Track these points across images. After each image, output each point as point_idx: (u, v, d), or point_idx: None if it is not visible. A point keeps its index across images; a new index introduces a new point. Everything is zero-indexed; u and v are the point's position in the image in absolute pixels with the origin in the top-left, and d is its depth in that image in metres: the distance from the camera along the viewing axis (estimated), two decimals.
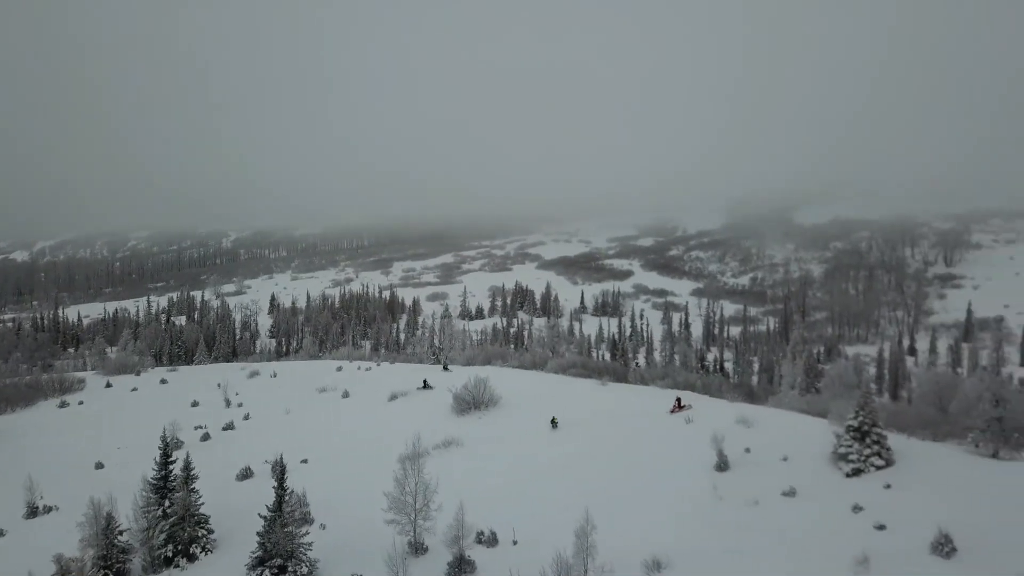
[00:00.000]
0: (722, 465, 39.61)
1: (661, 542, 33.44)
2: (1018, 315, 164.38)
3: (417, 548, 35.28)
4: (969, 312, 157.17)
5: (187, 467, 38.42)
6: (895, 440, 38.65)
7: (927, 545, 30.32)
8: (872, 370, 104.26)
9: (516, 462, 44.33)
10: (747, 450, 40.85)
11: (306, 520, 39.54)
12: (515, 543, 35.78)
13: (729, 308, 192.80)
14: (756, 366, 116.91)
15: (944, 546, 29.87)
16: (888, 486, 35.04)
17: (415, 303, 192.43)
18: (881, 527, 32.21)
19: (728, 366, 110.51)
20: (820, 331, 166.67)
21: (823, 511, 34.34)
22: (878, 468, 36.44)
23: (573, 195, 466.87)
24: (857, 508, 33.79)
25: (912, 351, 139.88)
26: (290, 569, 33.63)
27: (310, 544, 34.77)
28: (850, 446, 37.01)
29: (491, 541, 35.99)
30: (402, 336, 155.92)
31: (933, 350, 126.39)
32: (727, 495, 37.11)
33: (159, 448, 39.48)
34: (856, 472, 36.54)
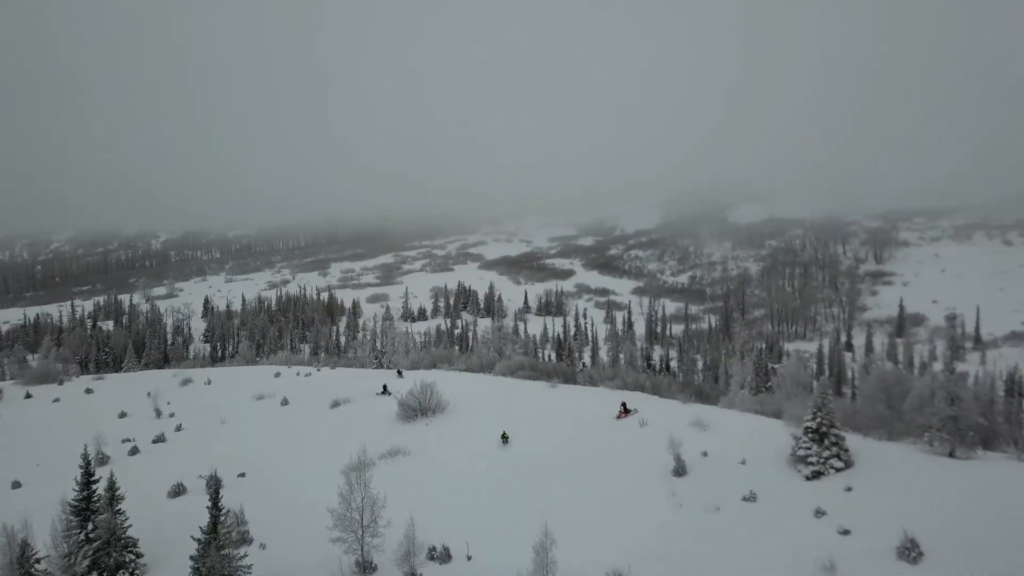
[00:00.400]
0: (679, 470, 38.62)
1: (621, 553, 32.19)
2: (946, 310, 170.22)
3: (365, 567, 33.20)
4: (901, 308, 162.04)
5: (111, 487, 35.36)
6: (851, 440, 38.27)
7: (893, 549, 29.75)
8: (813, 366, 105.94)
9: (467, 471, 42.55)
10: (704, 454, 39.97)
11: (244, 540, 36.96)
12: (469, 558, 34.04)
13: (670, 306, 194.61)
14: (700, 364, 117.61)
15: (911, 551, 29.31)
16: (849, 488, 34.51)
17: (355, 305, 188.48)
18: (845, 532, 31.56)
19: (673, 364, 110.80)
20: (760, 328, 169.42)
21: (785, 516, 33.59)
22: (838, 470, 35.93)
23: (513, 194, 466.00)
24: (820, 512, 33.12)
25: (849, 347, 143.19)
26: None
27: (249, 567, 32.33)
28: (809, 448, 36.41)
29: (444, 557, 34.16)
30: (342, 339, 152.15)
31: (869, 346, 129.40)
32: (686, 502, 36.11)
33: (80, 467, 36.34)
34: (816, 475, 35.95)
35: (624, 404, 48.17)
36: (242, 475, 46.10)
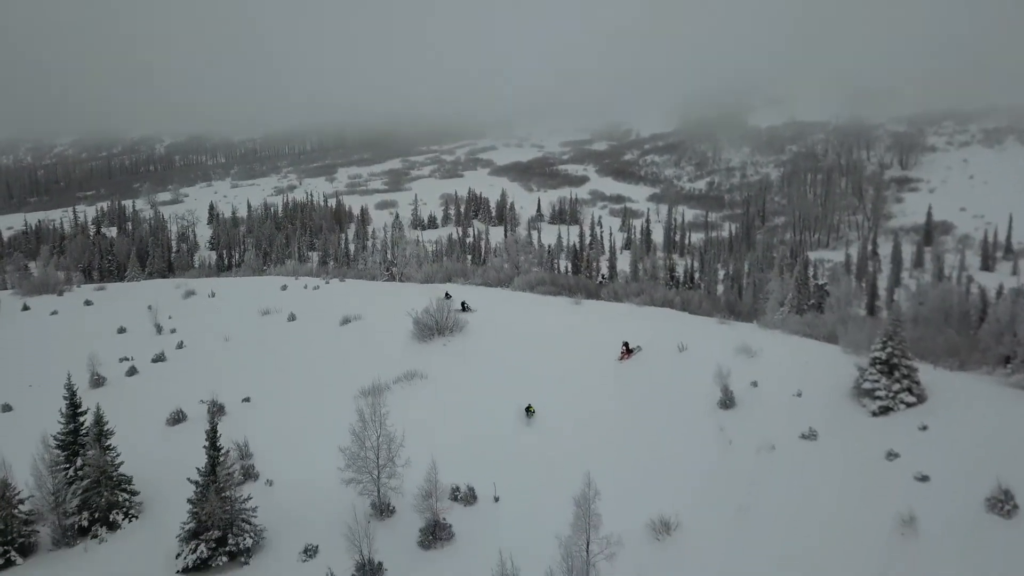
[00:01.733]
0: (727, 402, 34.88)
1: (667, 498, 28.80)
2: (974, 218, 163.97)
3: (382, 510, 30.09)
4: (929, 216, 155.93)
5: (99, 421, 31.90)
6: (922, 371, 34.08)
7: (981, 501, 26.09)
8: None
9: (488, 399, 39.01)
10: (753, 384, 36.07)
11: (249, 475, 33.91)
12: (496, 500, 30.87)
13: (688, 214, 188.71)
14: (721, 275, 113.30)
15: (1003, 503, 25.61)
16: (924, 427, 30.62)
17: (363, 212, 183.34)
18: (924, 478, 27.86)
19: (696, 277, 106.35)
20: (781, 237, 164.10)
21: (851, 458, 29.93)
22: (909, 406, 31.99)
23: (523, 96, 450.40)
24: (892, 455, 29.38)
25: (874, 256, 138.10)
26: (231, 541, 28.04)
27: (254, 509, 29.22)
28: (876, 381, 32.38)
29: (468, 498, 30.97)
30: (351, 248, 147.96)
31: (896, 256, 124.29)
32: (737, 439, 32.48)
33: (64, 397, 32.89)
34: (884, 411, 32.04)
35: (626, 344, 42.09)
36: (246, 400, 42.88)
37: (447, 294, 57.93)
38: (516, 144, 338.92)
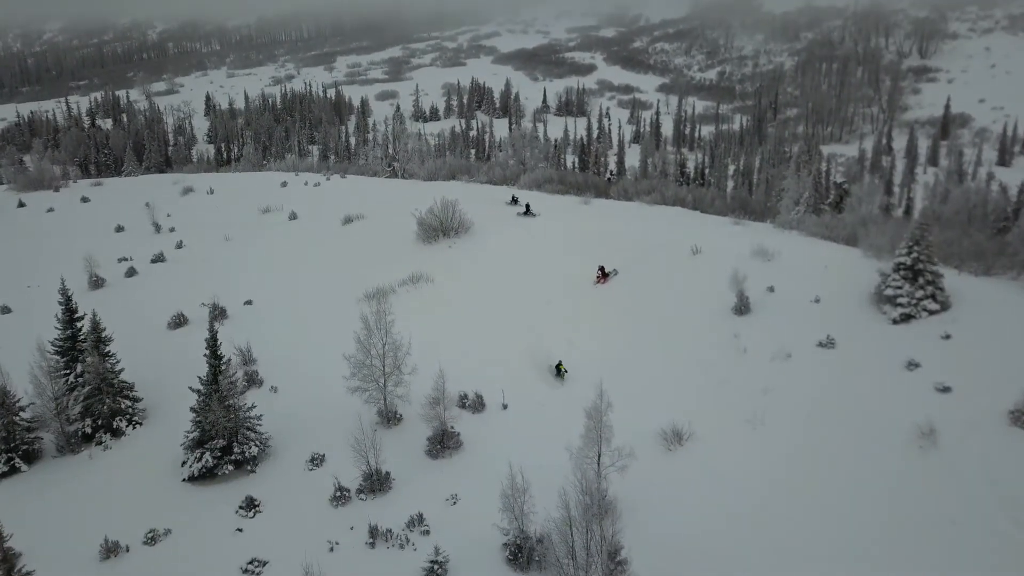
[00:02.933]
0: (742, 308, 33.82)
1: (679, 407, 28.23)
2: (993, 111, 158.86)
3: (389, 419, 29.61)
4: (947, 108, 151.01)
5: (96, 328, 31.00)
6: (945, 277, 32.75)
7: (1004, 413, 25.41)
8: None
9: (496, 304, 38.02)
10: (770, 289, 34.91)
11: (253, 381, 33.33)
12: (505, 407, 30.38)
13: (699, 105, 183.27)
14: (731, 170, 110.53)
15: None
16: (947, 336, 29.63)
17: (363, 103, 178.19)
18: (945, 389, 27.09)
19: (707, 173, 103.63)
20: (793, 130, 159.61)
21: (870, 367, 29.10)
22: (931, 313, 30.90)
23: None
24: (912, 364, 28.53)
25: (889, 150, 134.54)
26: (236, 450, 27.65)
27: (259, 417, 28.71)
28: (899, 287, 31.17)
29: (477, 406, 30.47)
30: (352, 141, 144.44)
31: (912, 151, 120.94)
32: (751, 346, 31.63)
33: (60, 303, 31.93)
34: (905, 318, 30.98)
35: (602, 268, 38.90)
36: (249, 303, 41.95)
37: (514, 198, 55.51)
38: (521, 30, 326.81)
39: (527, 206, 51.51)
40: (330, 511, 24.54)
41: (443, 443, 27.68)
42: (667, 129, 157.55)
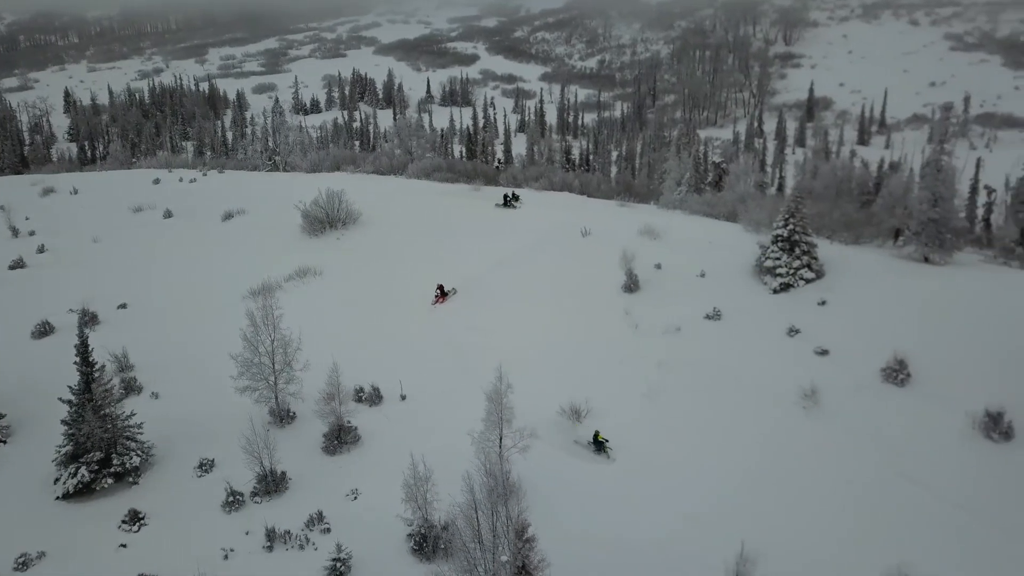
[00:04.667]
0: (632, 286, 34.53)
1: (578, 386, 28.49)
2: (852, 94, 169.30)
3: (282, 417, 28.44)
4: (811, 92, 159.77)
5: None
6: (819, 247, 34.55)
7: (877, 371, 27.11)
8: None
9: (389, 294, 37.26)
10: (657, 266, 35.81)
11: (131, 389, 31.26)
12: (403, 398, 29.77)
13: (581, 93, 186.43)
14: (615, 155, 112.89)
15: (898, 372, 26.67)
16: (823, 303, 31.31)
17: (240, 97, 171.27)
18: (823, 352, 28.64)
19: (592, 159, 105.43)
20: (671, 115, 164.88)
21: (755, 336, 30.39)
22: (808, 281, 32.59)
23: None
24: (793, 331, 29.97)
25: (760, 132, 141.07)
26: (115, 461, 25.85)
27: (140, 425, 26.91)
28: (778, 258, 32.70)
29: (374, 399, 29.74)
30: (229, 136, 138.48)
31: (781, 132, 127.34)
32: (643, 322, 32.32)
33: None
34: (785, 287, 32.54)
35: (440, 287, 36.29)
36: (123, 307, 39.35)
37: (507, 197, 49.21)
38: (402, 20, 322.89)
39: (505, 197, 49.10)
40: (223, 517, 23.31)
41: (340, 438, 26.84)
42: (551, 117, 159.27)
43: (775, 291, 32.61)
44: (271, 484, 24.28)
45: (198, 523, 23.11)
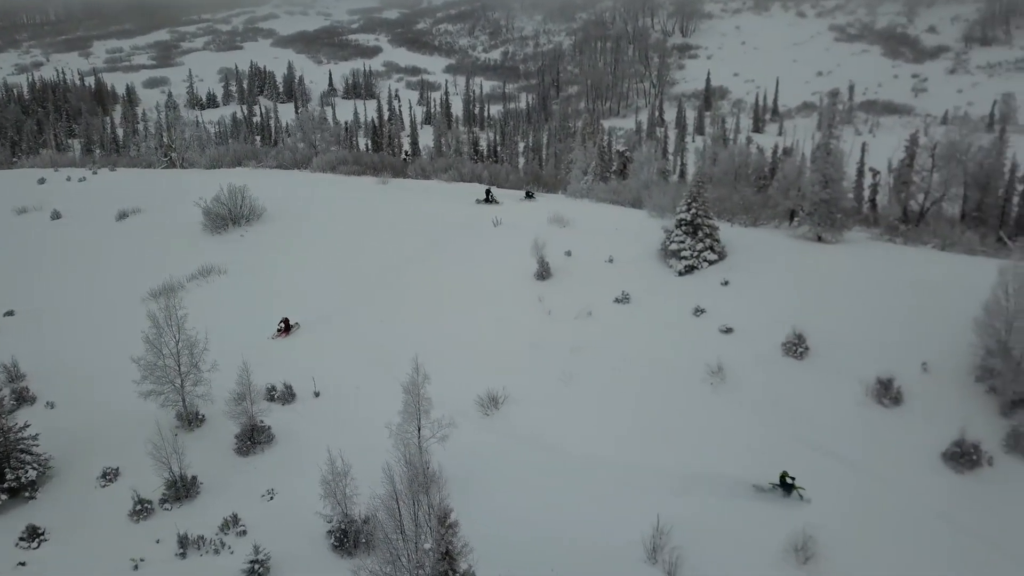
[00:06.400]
0: (544, 273, 34.98)
1: (493, 374, 28.68)
2: (746, 83, 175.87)
3: (190, 421, 27.49)
4: (708, 82, 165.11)
5: None
6: (720, 229, 35.90)
7: (778, 346, 28.41)
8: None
9: (297, 290, 36.51)
10: (568, 253, 36.42)
11: (23, 399, 29.56)
12: (317, 395, 29.27)
13: (486, 85, 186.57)
14: (522, 146, 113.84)
15: (797, 346, 28.05)
16: (725, 283, 32.56)
17: (129, 91, 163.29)
18: (728, 330, 29.79)
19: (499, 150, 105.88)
20: (575, 106, 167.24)
21: (663, 317, 31.32)
22: (711, 263, 33.85)
23: None
24: (698, 311, 31.06)
25: (661, 121, 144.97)
26: (9, 476, 24.42)
27: (35, 437, 25.48)
28: (682, 241, 33.78)
29: (286, 396, 29.12)
30: (119, 133, 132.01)
31: (681, 121, 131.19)
32: (556, 308, 32.83)
33: None
34: (689, 269, 33.67)
35: (285, 320, 33.35)
36: (9, 314, 37.16)
37: (489, 193, 47.39)
38: (300, 12, 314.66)
39: (487, 191, 47.85)
40: (131, 527, 22.37)
41: (253, 439, 26.16)
42: (457, 109, 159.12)
43: (680, 273, 33.70)
44: (181, 490, 23.46)
45: (104, 535, 22.10)
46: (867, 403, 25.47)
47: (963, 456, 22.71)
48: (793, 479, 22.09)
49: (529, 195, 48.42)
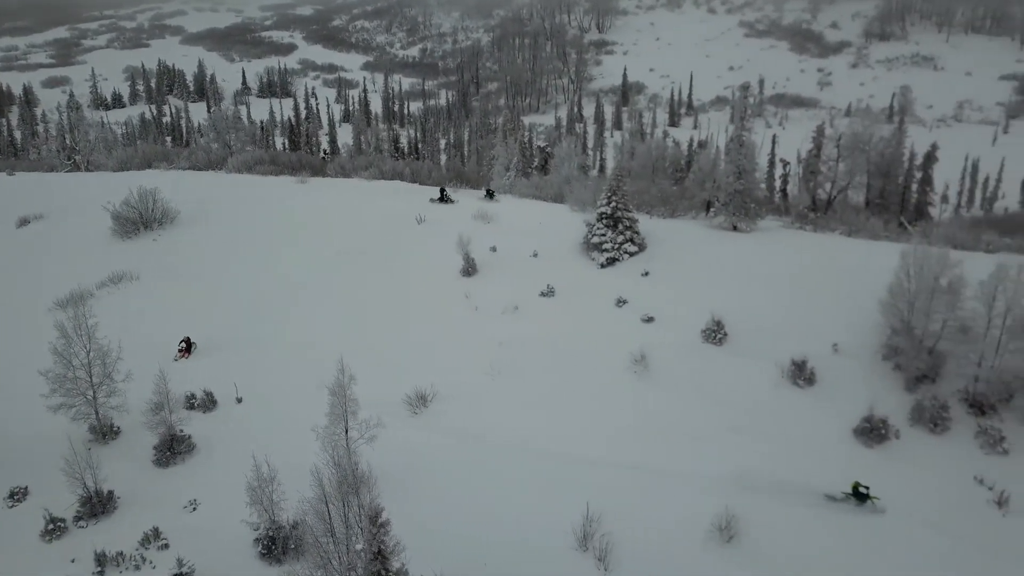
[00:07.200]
0: (470, 269, 35.01)
1: (421, 371, 28.57)
2: (661, 79, 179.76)
3: (105, 434, 26.38)
4: (625, 78, 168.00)
5: None
6: (640, 221, 36.67)
7: (698, 333, 29.25)
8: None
9: (215, 293, 35.47)
10: (493, 249, 36.57)
11: None
12: (240, 401, 28.52)
13: (405, 82, 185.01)
14: (443, 143, 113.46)
15: (716, 332, 28.93)
16: (646, 273, 33.32)
17: (27, 92, 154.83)
18: (649, 319, 30.50)
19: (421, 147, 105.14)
20: (495, 103, 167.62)
21: (587, 309, 31.83)
22: (632, 255, 34.58)
23: None
24: (621, 301, 31.68)
25: (580, 117, 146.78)
26: None
27: None
28: (603, 234, 34.38)
29: (207, 404, 28.29)
30: (17, 135, 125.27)
31: (600, 116, 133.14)
32: (483, 304, 32.95)
33: None
34: (611, 262, 34.32)
35: (186, 339, 31.22)
36: None
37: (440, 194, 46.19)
38: (210, 8, 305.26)
39: (442, 190, 46.61)
40: (44, 548, 21.30)
41: (173, 449, 25.28)
42: (377, 106, 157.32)
43: (603, 265, 34.29)
44: (97, 505, 22.49)
45: (13, 558, 20.97)
46: (783, 384, 26.53)
47: (872, 431, 23.91)
48: (867, 488, 21.56)
49: (489, 194, 46.16)
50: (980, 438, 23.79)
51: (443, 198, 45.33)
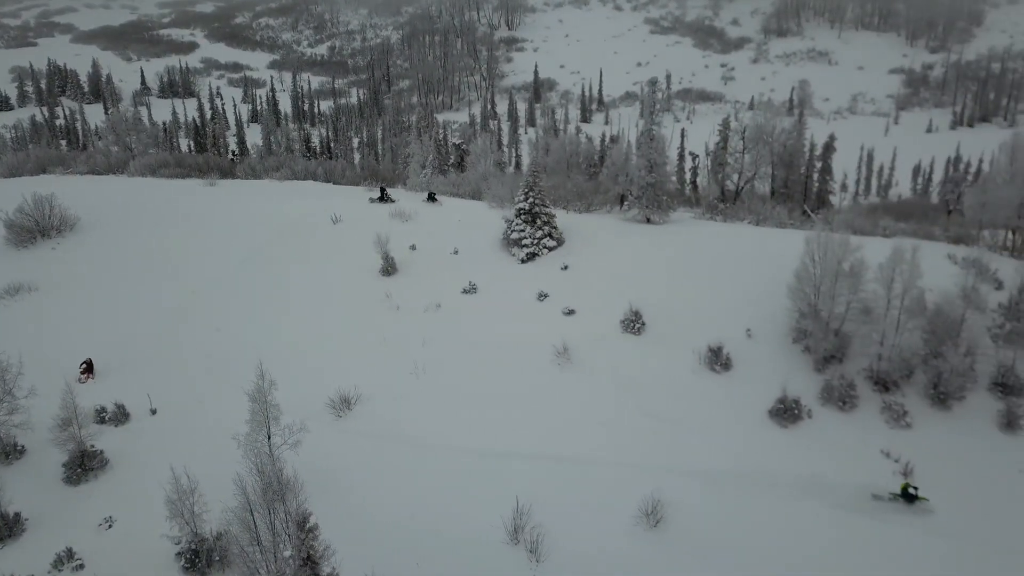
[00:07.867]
0: (389, 269, 34.76)
1: (344, 374, 28.20)
2: (572, 75, 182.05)
3: (8, 453, 25.00)
4: (536, 74, 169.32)
5: None
6: (557, 216, 37.18)
7: (618, 323, 29.90)
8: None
9: (122, 302, 34.05)
10: (412, 247, 36.43)
11: None
12: (154, 412, 27.49)
13: (314, 81, 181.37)
14: (356, 142, 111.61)
15: (635, 322, 29.62)
16: (565, 267, 33.83)
17: None
18: (570, 312, 31.01)
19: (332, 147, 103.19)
20: (407, 100, 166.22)
21: (508, 303, 32.12)
22: (551, 250, 35.06)
23: None
24: (542, 295, 32.10)
25: (494, 114, 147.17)
26: None
27: None
28: (522, 230, 34.74)
29: (120, 417, 27.16)
30: None
31: (512, 113, 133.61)
32: (404, 303, 32.79)
33: None
34: (531, 257, 34.70)
35: (88, 361, 29.39)
36: None
37: (382, 191, 44.75)
38: (103, 5, 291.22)
39: (382, 190, 45.14)
40: None
41: (84, 465, 24.19)
42: (286, 106, 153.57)
43: (523, 261, 34.62)
44: (3, 529, 21.35)
45: None
46: (700, 370, 27.45)
47: (786, 412, 25.02)
48: (916, 489, 21.71)
49: (432, 197, 44.49)
50: (885, 413, 25.22)
51: (383, 198, 44.35)
